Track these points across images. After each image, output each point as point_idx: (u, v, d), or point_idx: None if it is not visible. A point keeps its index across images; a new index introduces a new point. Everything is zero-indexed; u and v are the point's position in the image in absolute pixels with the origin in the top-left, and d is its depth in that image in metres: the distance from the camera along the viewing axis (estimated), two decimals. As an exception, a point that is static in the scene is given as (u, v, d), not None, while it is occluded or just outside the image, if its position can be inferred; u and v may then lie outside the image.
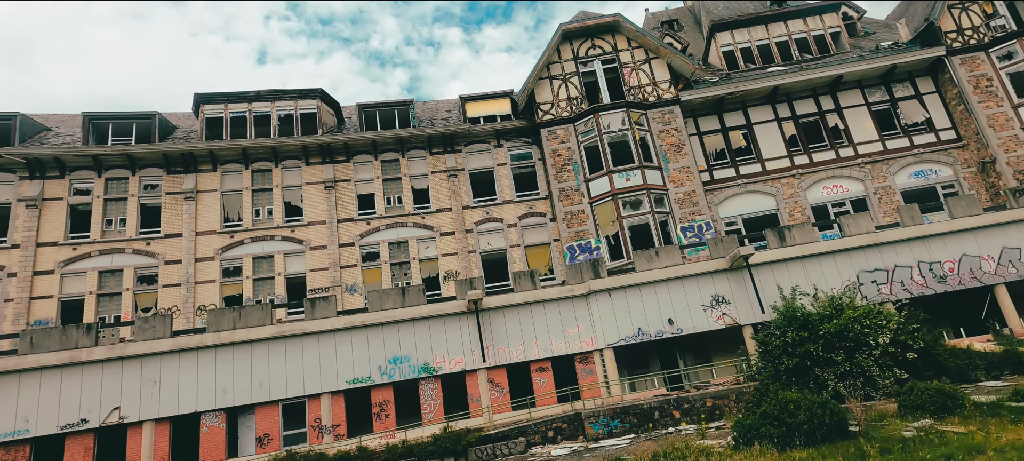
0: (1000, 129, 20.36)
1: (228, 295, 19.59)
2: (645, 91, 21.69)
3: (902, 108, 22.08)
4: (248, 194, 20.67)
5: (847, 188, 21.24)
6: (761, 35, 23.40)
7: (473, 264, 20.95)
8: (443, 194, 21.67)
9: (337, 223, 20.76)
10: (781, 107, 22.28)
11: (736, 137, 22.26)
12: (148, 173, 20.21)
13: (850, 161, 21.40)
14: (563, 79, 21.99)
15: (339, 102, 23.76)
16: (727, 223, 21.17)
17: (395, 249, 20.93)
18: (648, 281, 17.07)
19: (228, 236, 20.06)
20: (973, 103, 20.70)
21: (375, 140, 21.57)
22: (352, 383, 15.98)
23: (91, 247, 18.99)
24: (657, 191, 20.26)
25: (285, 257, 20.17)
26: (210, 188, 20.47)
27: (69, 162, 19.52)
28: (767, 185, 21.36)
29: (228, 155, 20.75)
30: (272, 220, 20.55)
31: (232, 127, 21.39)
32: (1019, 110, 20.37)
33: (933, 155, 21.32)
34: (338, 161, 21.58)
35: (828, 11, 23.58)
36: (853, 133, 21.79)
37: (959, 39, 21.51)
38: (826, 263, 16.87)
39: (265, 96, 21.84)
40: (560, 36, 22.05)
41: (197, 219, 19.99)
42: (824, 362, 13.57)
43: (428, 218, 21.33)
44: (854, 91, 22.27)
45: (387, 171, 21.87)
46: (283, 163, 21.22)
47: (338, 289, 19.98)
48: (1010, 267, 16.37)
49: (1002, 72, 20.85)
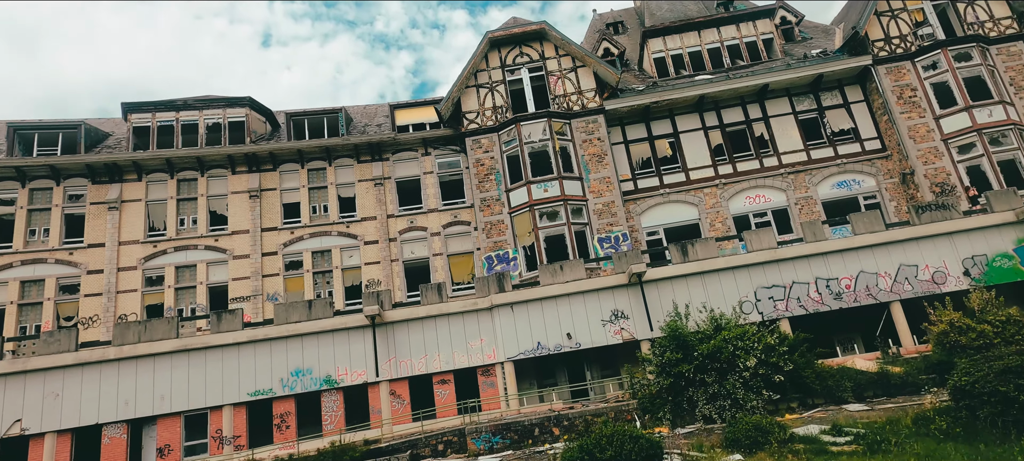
0: (920, 141, 20.24)
1: (150, 304, 20.00)
2: (570, 100, 21.69)
3: (829, 117, 21.96)
4: (173, 203, 20.97)
5: (769, 198, 21.25)
6: (693, 41, 23.26)
7: (395, 273, 21.21)
8: (369, 203, 21.88)
9: (261, 232, 21.04)
10: (709, 115, 22.23)
11: (663, 146, 22.26)
12: (73, 183, 20.54)
13: (774, 171, 21.38)
14: (490, 87, 22.02)
15: (272, 109, 23.92)
16: (649, 233, 21.28)
17: (318, 258, 21.21)
18: (550, 296, 17.27)
19: (152, 246, 20.41)
20: (896, 114, 20.57)
21: (301, 149, 21.75)
22: (254, 395, 16.35)
23: (13, 257, 19.41)
24: (575, 202, 20.36)
25: (208, 266, 20.51)
26: (135, 198, 20.78)
27: None
28: (690, 195, 21.40)
29: (153, 165, 21.02)
30: (196, 229, 20.87)
31: (160, 135, 21.64)
32: (940, 122, 20.21)
33: (857, 165, 21.25)
34: (265, 170, 21.80)
35: (762, 17, 23.37)
36: (778, 142, 21.73)
37: (886, 48, 21.30)
38: (726, 279, 16.99)
39: (193, 104, 22.03)
40: (487, 43, 22.03)
41: (121, 229, 20.34)
42: (697, 383, 13.77)
43: (353, 227, 21.57)
44: (782, 99, 22.16)
45: (314, 180, 22.08)
46: (209, 172, 21.47)
47: (259, 298, 20.33)
48: (906, 284, 16.41)
49: (926, 83, 20.67)
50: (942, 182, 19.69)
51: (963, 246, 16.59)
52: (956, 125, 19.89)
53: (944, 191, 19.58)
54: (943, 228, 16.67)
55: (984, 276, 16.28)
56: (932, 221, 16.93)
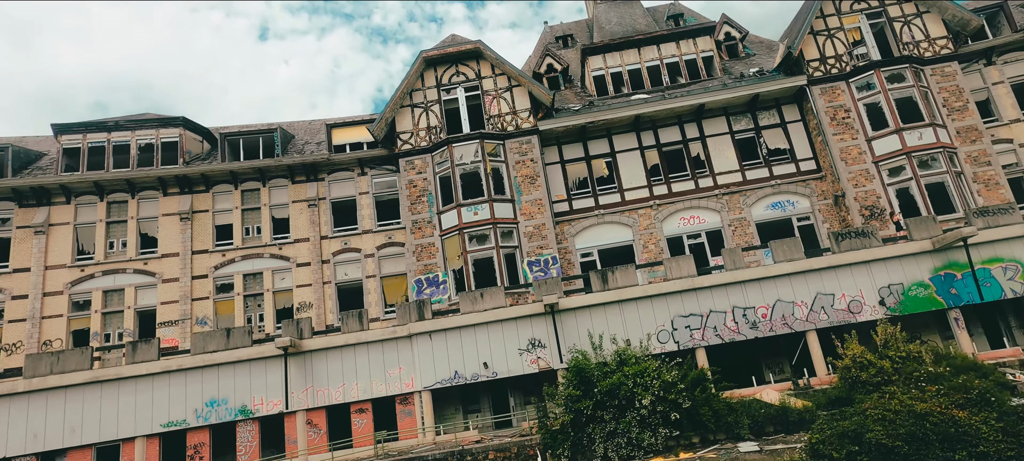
0: (852, 163, 20.11)
1: (76, 329, 19.87)
2: (505, 120, 21.53)
3: (766, 137, 21.83)
4: (102, 226, 20.80)
5: (704, 219, 21.14)
6: (633, 59, 23.08)
7: (327, 295, 21.10)
8: (303, 224, 21.73)
9: (192, 255, 20.89)
10: (646, 135, 22.07)
11: (600, 165, 22.12)
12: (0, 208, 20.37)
13: (709, 191, 21.25)
14: (425, 107, 21.84)
15: (208, 128, 23.72)
16: (583, 255, 21.17)
17: (250, 281, 21.08)
18: (469, 324, 17.16)
19: (79, 270, 20.26)
20: (829, 135, 20.44)
21: (234, 170, 21.58)
22: (167, 426, 16.25)
23: (-64, 283, 19.27)
24: (506, 225, 20.23)
25: (136, 290, 20.37)
26: (63, 221, 20.62)
27: (-84, 197, 19.71)
28: (625, 216, 21.28)
29: (82, 187, 20.85)
30: (125, 253, 20.72)
31: (90, 156, 21.45)
32: (872, 144, 20.08)
33: (791, 186, 21.13)
34: (198, 191, 21.64)
35: (702, 34, 23.18)
36: (715, 162, 21.59)
37: (821, 68, 21.14)
38: (644, 308, 16.88)
39: (125, 125, 21.84)
40: (422, 63, 21.84)
41: (48, 253, 20.18)
42: (596, 420, 13.68)
43: (285, 249, 21.43)
44: (719, 118, 22.01)
45: (248, 201, 21.92)
46: (140, 194, 21.31)
47: (188, 322, 20.20)
48: (822, 314, 16.32)
49: (860, 104, 20.52)
50: (872, 205, 19.58)
51: (880, 275, 16.49)
52: (887, 147, 19.77)
53: (873, 214, 19.48)
54: (861, 256, 16.56)
55: (900, 305, 16.19)
56: (851, 249, 16.83)
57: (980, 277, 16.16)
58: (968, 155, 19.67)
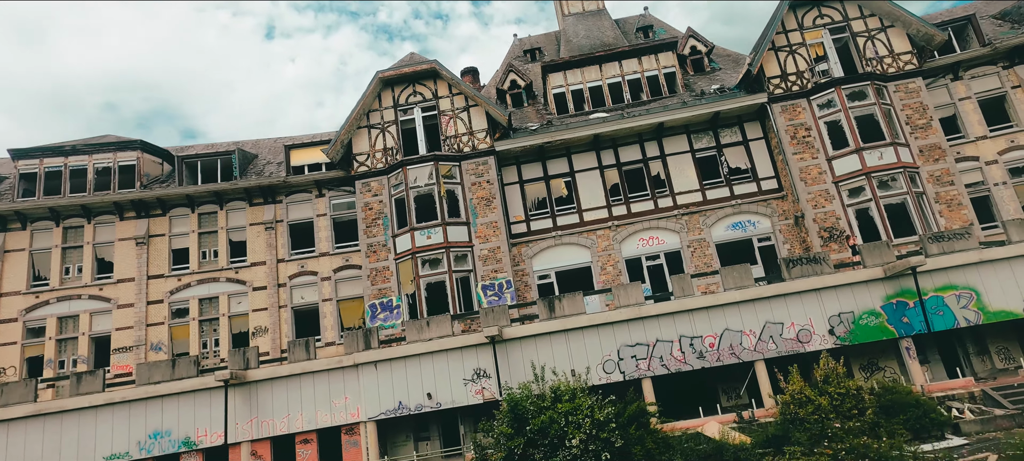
0: (812, 183, 19.69)
1: (30, 356, 19.88)
2: (462, 141, 21.28)
3: (728, 155, 21.44)
4: (58, 252, 20.80)
5: (663, 240, 20.80)
6: (594, 76, 22.74)
7: (283, 319, 20.98)
8: (260, 247, 21.62)
9: (147, 280, 20.84)
10: (606, 154, 21.75)
11: (559, 185, 21.83)
12: (-46, 234, 20.40)
13: (668, 212, 20.91)
14: (382, 128, 21.63)
15: (168, 150, 23.64)
16: (540, 277, 20.91)
17: (206, 305, 21.00)
18: (414, 354, 16.96)
19: (34, 296, 20.26)
20: (789, 154, 20.02)
21: (190, 194, 21.49)
22: (109, 459, 16.19)
23: None
24: (460, 248, 20.01)
25: (91, 316, 20.35)
26: (18, 247, 20.63)
27: None
28: (583, 237, 20.99)
29: (37, 213, 20.85)
30: (81, 278, 20.70)
31: (47, 181, 21.44)
32: (833, 163, 19.65)
33: (752, 206, 20.74)
34: (154, 215, 21.57)
35: (665, 50, 22.80)
36: (675, 182, 21.24)
37: (782, 85, 20.71)
38: (590, 337, 16.60)
39: (82, 149, 21.80)
40: (379, 83, 21.62)
41: (2, 280, 20.19)
42: (528, 459, 13.45)
43: (242, 273, 21.32)
44: (680, 137, 21.65)
45: (205, 224, 21.83)
46: (96, 219, 21.27)
47: (143, 348, 20.16)
48: (770, 343, 15.98)
49: (821, 122, 20.08)
50: (831, 227, 19.17)
51: (831, 303, 16.11)
52: (847, 167, 19.34)
53: (832, 236, 19.07)
54: (811, 284, 16.18)
55: (850, 334, 15.82)
56: (802, 276, 16.46)
57: (933, 305, 15.73)
58: (930, 174, 19.20)
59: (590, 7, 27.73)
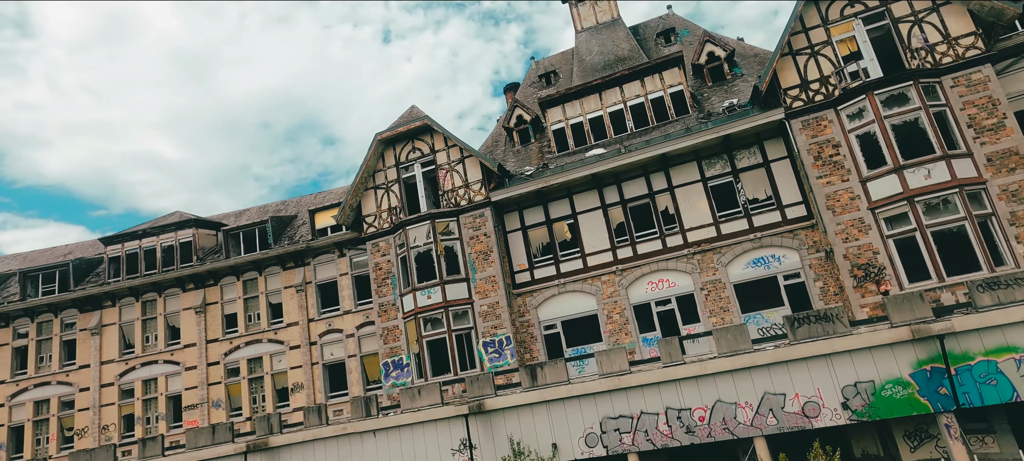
0: (842, 211, 16.76)
1: (126, 414, 23.73)
2: (458, 194, 21.24)
3: (746, 181, 18.98)
4: (139, 323, 24.46)
5: (674, 283, 19.12)
6: (594, 107, 21.29)
7: (316, 376, 22.76)
8: (293, 308, 23.57)
9: (206, 344, 23.77)
10: (609, 191, 20.38)
11: (562, 229, 20.93)
12: (67, 314, 24.85)
13: (678, 251, 19.13)
14: (386, 187, 22.29)
15: (219, 220, 26.50)
16: (546, 327, 20.36)
17: (253, 365, 23.45)
18: (405, 423, 17.53)
19: (124, 363, 24.10)
20: (813, 178, 17.20)
21: (234, 265, 23.99)
22: (167, 515, 18.94)
23: (28, 381, 24.18)
24: (459, 306, 20.12)
25: (167, 378, 23.74)
26: (111, 322, 24.59)
27: (11, 313, 24.77)
28: (587, 284, 19.99)
29: (122, 291, 24.63)
30: (157, 345, 24.18)
31: (128, 262, 25.21)
32: (868, 186, 16.52)
33: (776, 238, 18.22)
34: (208, 285, 24.44)
35: (670, 66, 20.60)
36: (684, 216, 19.32)
37: (803, 96, 17.75)
38: (572, 408, 15.91)
39: (151, 232, 25.27)
40: (379, 144, 22.25)
41: (102, 350, 24.26)
42: (485, 552, 13.38)
43: (280, 333, 23.45)
44: (689, 165, 19.57)
45: (249, 290, 24.27)
46: (165, 292, 24.63)
47: (206, 406, 23.12)
48: (770, 417, 14.08)
49: (852, 136, 16.93)
50: (866, 264, 16.23)
51: (845, 369, 13.75)
52: (885, 190, 16.17)
53: (867, 275, 16.16)
54: (819, 349, 13.92)
55: (870, 408, 13.40)
56: (811, 337, 14.22)
57: (982, 372, 12.76)
58: (1004, 189, 15.38)
59: (604, 17, 25.88)
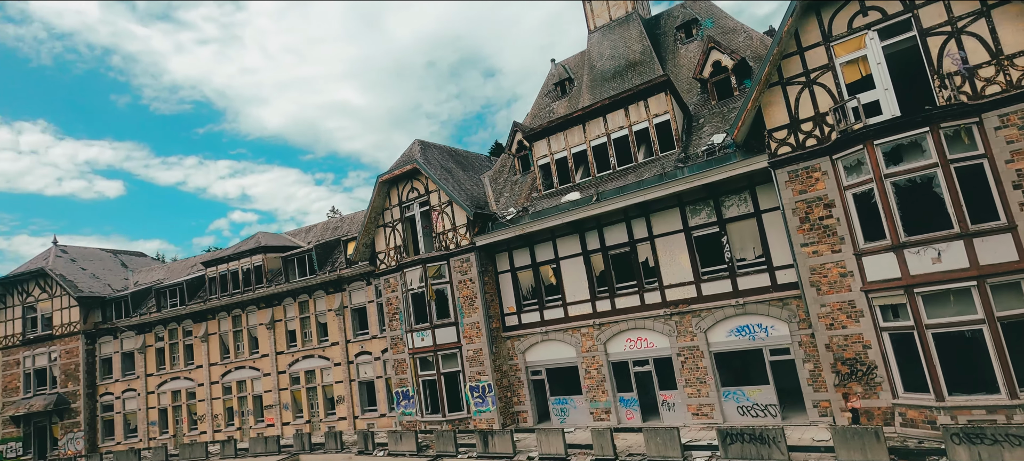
0: (829, 289, 13.54)
1: (228, 407, 29.42)
2: (448, 237, 21.45)
3: (733, 234, 16.12)
4: (231, 334, 29.63)
5: (652, 343, 17.48)
6: (578, 140, 19.41)
7: (354, 391, 25.68)
8: (335, 329, 26.49)
9: (276, 355, 28.05)
10: (590, 236, 18.89)
11: (547, 272, 20.10)
12: (185, 324, 31.01)
13: (655, 309, 17.30)
14: (392, 226, 23.32)
15: (285, 244, 30.16)
16: (533, 372, 20.25)
17: (309, 376, 27.18)
18: (388, 466, 19.32)
19: (224, 366, 29.62)
20: (796, 246, 14.03)
21: (291, 289, 27.50)
22: (238, 505, 23.72)
23: (166, 375, 31.10)
24: (448, 350, 20.86)
25: (251, 381, 28.73)
26: (214, 332, 30.14)
27: (151, 322, 31.69)
28: (568, 334, 19.22)
29: (218, 307, 29.88)
30: (243, 353, 29.17)
31: (221, 282, 30.30)
32: (864, 262, 13.01)
33: (763, 306, 15.46)
34: (274, 305, 28.45)
35: (655, 92, 17.71)
36: (664, 271, 17.23)
37: (791, 139, 14.20)
38: (513, 483, 16.07)
39: (234, 257, 29.88)
40: (381, 185, 23.14)
41: (209, 354, 30.05)
42: None
43: (326, 350, 26.67)
44: (672, 212, 17.15)
45: (304, 310, 27.73)
46: (247, 309, 29.29)
47: (278, 406, 27.65)
48: (691, 541, 12.80)
49: (849, 194, 13.26)
50: (853, 359, 13.14)
51: (774, 507, 11.78)
52: (885, 271, 12.64)
53: (854, 373, 13.12)
54: (747, 477, 12.04)
55: (799, 557, 11.43)
56: (743, 459, 12.32)
57: (943, 548, 10.02)
58: (1058, 279, 11.06)
59: (618, 12, 22.80)
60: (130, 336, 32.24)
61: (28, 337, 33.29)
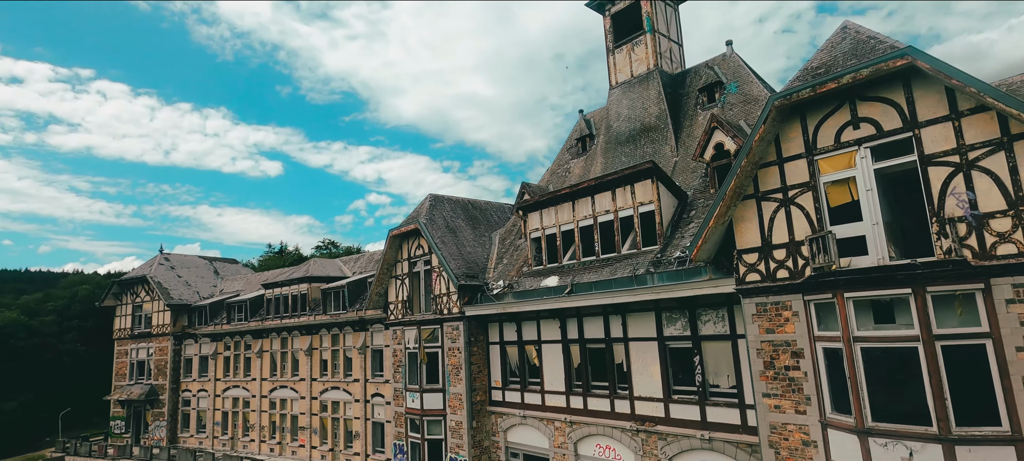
0: (788, 455, 11.15)
1: (272, 421, 31.94)
2: (442, 300, 21.21)
3: (708, 354, 13.99)
4: (279, 354, 32.08)
5: (619, 455, 15.85)
6: (567, 218, 18.04)
7: (368, 430, 26.55)
8: (358, 366, 27.56)
9: (311, 381, 29.89)
10: (571, 324, 17.56)
11: (532, 352, 19.07)
12: (247, 339, 34.14)
13: (624, 420, 15.64)
14: (401, 279, 23.61)
15: (331, 275, 31.87)
16: (512, 453, 19.42)
17: (335, 406, 28.59)
18: (363, 527, 19.71)
19: (272, 382, 32.19)
20: (758, 395, 11.77)
21: (326, 322, 29.08)
22: (258, 523, 25.73)
23: (230, 382, 34.52)
24: (434, 416, 20.70)
25: (291, 401, 30.90)
26: (267, 349, 32.85)
27: (222, 333, 35.31)
28: (544, 424, 18.11)
29: (269, 329, 32.49)
30: (287, 373, 31.44)
31: (276, 304, 32.83)
32: (830, 435, 10.53)
33: (730, 447, 13.26)
34: (313, 333, 30.27)
35: (642, 177, 15.84)
36: (635, 380, 15.49)
37: (761, 266, 11.87)
38: None
39: (285, 283, 32.23)
40: (392, 239, 23.47)
41: (262, 369, 32.83)
42: None
43: (350, 385, 27.84)
44: (648, 315, 15.32)
45: (335, 342, 29.18)
46: (292, 333, 31.50)
47: (309, 429, 29.47)
48: None
49: (819, 346, 10.79)
50: (809, 549, 10.75)
51: None
52: (850, 455, 10.14)
53: None
54: None
55: None
56: None
57: None
58: (1077, 525, 8.07)
59: (639, 67, 20.85)
60: (206, 342, 36.26)
61: (134, 332, 38.83)
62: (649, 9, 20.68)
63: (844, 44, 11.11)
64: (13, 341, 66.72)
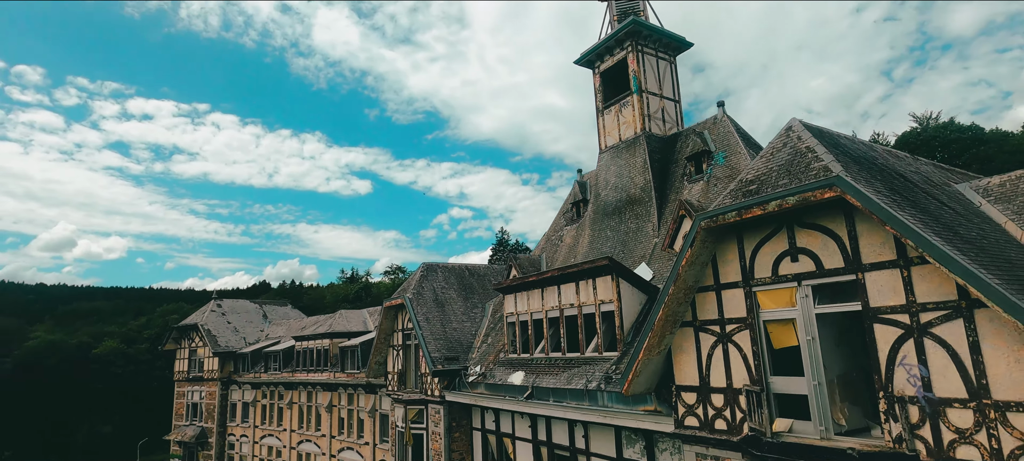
0: None
1: (307, 473, 32.64)
2: (426, 381, 20.49)
3: (664, 488, 12.15)
4: (305, 407, 32.80)
5: None
6: (537, 306, 16.71)
7: (375, 496, 26.30)
8: (368, 429, 27.46)
9: (330, 438, 30.22)
10: (540, 424, 16.19)
11: (508, 445, 17.83)
12: (280, 389, 35.28)
13: (586, 546, 14.02)
14: (397, 350, 23.21)
15: (347, 333, 32.20)
16: (490, 553, 18.21)
17: (349, 467, 28.66)
18: None
19: (299, 434, 32.95)
20: (700, 562, 9.90)
21: (342, 382, 29.35)
22: None
23: (265, 430, 35.77)
24: (417, 503, 19.95)
25: (314, 456, 31.43)
26: (295, 402, 33.73)
27: (260, 382, 36.76)
28: (516, 529, 16.80)
29: (296, 382, 33.35)
30: (311, 428, 32.03)
31: (304, 356, 33.68)
32: None
33: None
34: (332, 391, 30.65)
35: (602, 273, 14.28)
36: (596, 502, 13.85)
37: (699, 411, 10.01)
38: None
39: (310, 337, 32.99)
40: (386, 310, 23.15)
41: (292, 420, 33.73)
42: None
43: (361, 448, 27.80)
44: (607, 433, 13.68)
45: (351, 402, 29.34)
46: (316, 388, 32.10)
47: (328, 488, 29.78)
48: None
49: (757, 524, 8.81)
50: None
51: None
52: None
53: None
54: None
55: None
56: None
57: None
58: None
59: (627, 131, 19.16)
60: (247, 388, 37.94)
61: (190, 376, 41.48)
62: (636, 68, 18.99)
63: (782, 154, 9.24)
64: (113, 368, 74.26)
